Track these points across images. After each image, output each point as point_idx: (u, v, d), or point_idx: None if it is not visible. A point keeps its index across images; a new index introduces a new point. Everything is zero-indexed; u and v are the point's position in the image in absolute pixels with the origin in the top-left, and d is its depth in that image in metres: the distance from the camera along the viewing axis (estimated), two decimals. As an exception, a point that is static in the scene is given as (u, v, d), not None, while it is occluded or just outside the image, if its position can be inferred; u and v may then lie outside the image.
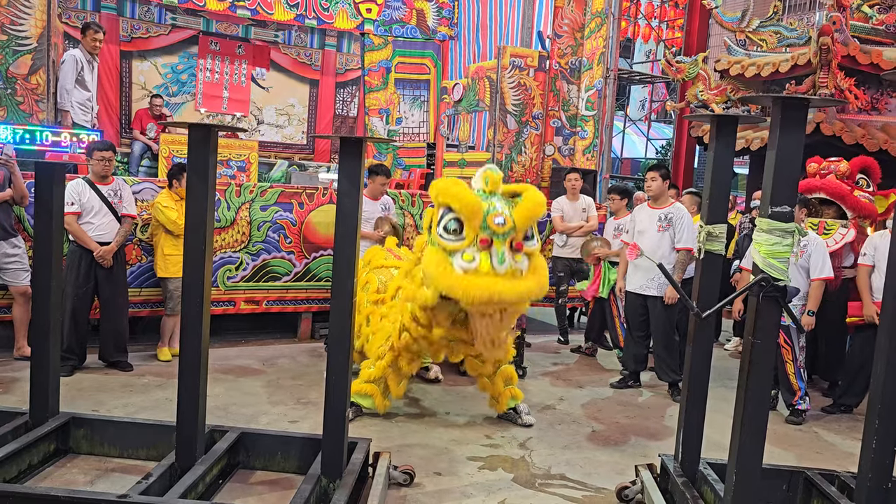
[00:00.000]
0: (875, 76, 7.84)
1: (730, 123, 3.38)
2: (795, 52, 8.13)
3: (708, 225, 3.34)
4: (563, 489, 3.80)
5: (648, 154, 17.62)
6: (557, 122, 9.08)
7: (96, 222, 5.37)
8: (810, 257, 5.23)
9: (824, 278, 5.24)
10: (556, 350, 7.16)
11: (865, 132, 7.65)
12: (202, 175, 3.25)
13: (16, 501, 2.89)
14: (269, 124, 11.23)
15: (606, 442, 4.58)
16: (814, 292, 5.26)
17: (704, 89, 9.06)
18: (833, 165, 5.97)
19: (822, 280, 5.24)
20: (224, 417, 4.47)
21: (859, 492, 3.19)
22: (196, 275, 3.27)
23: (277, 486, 3.62)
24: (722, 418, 5.08)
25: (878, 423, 3.02)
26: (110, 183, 5.50)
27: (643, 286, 5.66)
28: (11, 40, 6.19)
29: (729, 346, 7.73)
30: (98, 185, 5.41)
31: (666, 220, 5.59)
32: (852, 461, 3.76)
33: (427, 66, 11.75)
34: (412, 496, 3.58)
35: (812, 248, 5.24)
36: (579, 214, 7.12)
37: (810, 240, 5.28)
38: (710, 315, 3.19)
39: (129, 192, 5.64)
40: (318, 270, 6.71)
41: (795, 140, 2.70)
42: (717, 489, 3.25)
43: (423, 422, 4.73)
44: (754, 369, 2.78)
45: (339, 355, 3.29)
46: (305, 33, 11.29)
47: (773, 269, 2.72)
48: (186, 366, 3.35)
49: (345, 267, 3.24)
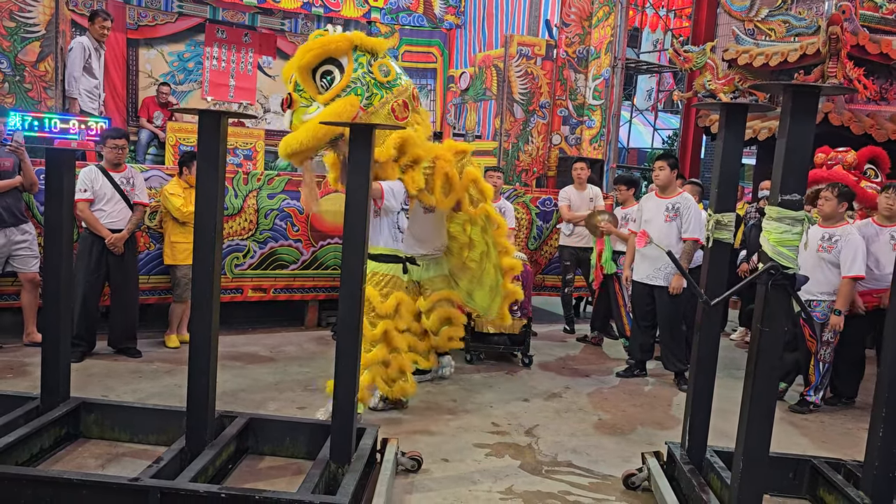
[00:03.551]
0: (884, 66, 7.80)
1: (739, 112, 3.37)
2: (804, 42, 8.08)
3: (716, 213, 3.34)
4: (569, 476, 3.82)
5: (655, 144, 17.56)
6: (564, 112, 9.05)
7: (108, 209, 5.39)
8: (840, 252, 5.02)
9: (854, 276, 4.97)
10: (563, 339, 7.18)
11: (874, 122, 7.61)
12: (212, 161, 3.26)
13: (28, 484, 2.92)
14: (276, 113, 11.21)
15: (613, 430, 4.60)
16: (843, 289, 5.00)
17: (712, 79, 9.02)
18: (840, 156, 5.94)
19: (852, 278, 4.98)
20: (233, 403, 4.51)
21: (866, 480, 3.21)
22: (206, 261, 3.29)
23: (286, 471, 3.65)
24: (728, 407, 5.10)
25: (885, 412, 3.03)
26: (123, 171, 5.52)
27: (650, 276, 5.67)
28: (20, 27, 6.20)
29: (735, 336, 7.74)
30: (111, 173, 5.44)
31: (673, 209, 5.59)
32: (859, 450, 3.77)
33: (434, 55, 11.71)
34: (420, 482, 3.61)
35: (843, 243, 5.03)
36: (587, 203, 7.12)
37: (842, 234, 5.07)
38: (718, 303, 3.20)
39: (142, 181, 5.67)
40: (326, 258, 6.73)
41: (806, 128, 2.70)
42: (723, 476, 3.26)
43: (430, 409, 4.76)
44: (762, 357, 2.79)
45: (348, 341, 3.31)
46: (312, 21, 11.25)
47: (782, 257, 2.72)
48: (197, 350, 3.37)
49: (354, 253, 3.26)
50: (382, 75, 4.12)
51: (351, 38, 4.10)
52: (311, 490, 2.94)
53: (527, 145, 8.60)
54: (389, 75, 4.18)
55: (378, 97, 4.09)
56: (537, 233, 7.69)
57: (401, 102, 4.18)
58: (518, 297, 5.05)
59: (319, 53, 4.04)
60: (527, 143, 8.60)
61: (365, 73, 4.06)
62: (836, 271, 5.08)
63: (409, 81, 4.37)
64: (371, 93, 4.07)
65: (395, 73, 4.25)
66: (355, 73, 4.05)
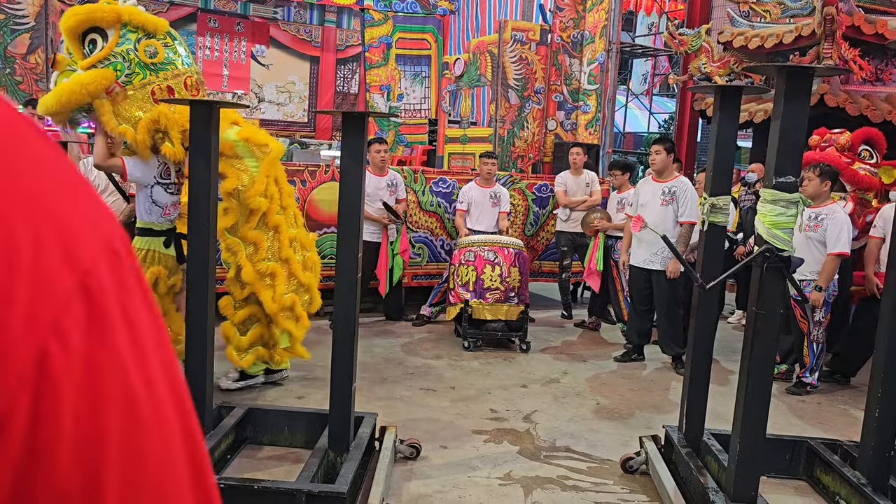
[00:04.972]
0: (880, 46, 7.77)
1: (733, 94, 3.36)
2: (799, 23, 8.05)
3: (712, 197, 3.34)
4: (568, 461, 3.84)
5: (651, 128, 17.53)
6: (559, 97, 9.03)
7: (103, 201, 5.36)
8: (826, 231, 5.06)
9: (839, 253, 5.01)
10: (560, 325, 7.19)
11: (870, 103, 7.60)
12: (205, 153, 3.25)
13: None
14: (270, 102, 11.19)
15: (611, 415, 4.62)
16: (826, 266, 5.05)
17: (707, 62, 8.99)
18: (834, 137, 5.93)
19: (837, 255, 5.02)
20: (231, 394, 4.51)
21: (862, 460, 3.23)
22: (201, 252, 3.28)
23: (285, 461, 3.66)
24: (725, 390, 5.12)
25: (880, 392, 3.04)
26: None
27: (647, 260, 5.67)
28: (9, 19, 6.16)
29: (732, 319, 7.76)
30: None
31: (670, 193, 5.59)
32: (855, 431, 3.79)
33: (428, 42, 11.66)
34: (419, 469, 3.62)
35: (829, 221, 5.07)
36: (583, 189, 7.11)
37: (829, 212, 5.10)
38: (714, 286, 3.20)
39: None
40: (322, 248, 6.70)
41: (800, 110, 2.69)
42: (720, 459, 3.28)
43: (428, 396, 4.77)
44: (758, 339, 2.80)
45: (345, 330, 3.31)
46: (305, 9, 11.21)
47: (777, 239, 2.72)
48: (193, 342, 3.37)
49: (349, 243, 3.25)
50: (147, 56, 4.03)
51: (120, 11, 4.01)
52: (309, 479, 2.95)
53: (522, 131, 8.59)
54: (156, 57, 4.08)
55: (139, 77, 4.01)
56: (534, 219, 7.69)
57: (164, 87, 4.10)
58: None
59: (83, 20, 3.97)
60: (522, 128, 8.59)
61: (131, 50, 3.99)
62: (824, 250, 5.11)
63: (188, 69, 4.25)
64: (133, 71, 3.99)
65: (165, 57, 4.13)
66: (119, 47, 3.97)
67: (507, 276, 5.98)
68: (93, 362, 0.34)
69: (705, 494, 3.00)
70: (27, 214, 0.33)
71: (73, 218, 0.36)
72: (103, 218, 0.39)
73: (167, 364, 0.40)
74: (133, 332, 0.37)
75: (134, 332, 0.37)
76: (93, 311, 0.35)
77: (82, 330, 0.34)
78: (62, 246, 0.34)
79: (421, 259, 7.19)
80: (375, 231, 6.46)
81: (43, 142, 0.37)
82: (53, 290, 0.33)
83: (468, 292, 5.97)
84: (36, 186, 0.35)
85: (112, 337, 0.35)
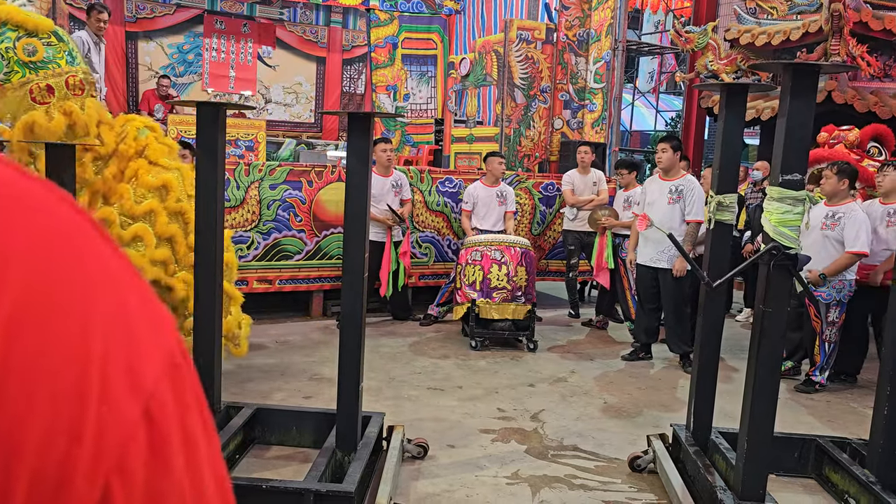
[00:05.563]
0: (888, 42, 7.73)
1: (740, 91, 3.35)
2: (806, 20, 8.02)
3: (718, 195, 3.33)
4: (575, 460, 3.84)
5: (658, 126, 17.48)
6: (566, 96, 9.02)
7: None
8: (844, 229, 5.01)
9: (857, 252, 4.93)
10: (568, 323, 7.19)
11: (878, 100, 7.56)
12: (212, 154, 3.26)
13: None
14: (277, 103, 11.22)
15: (618, 413, 4.62)
16: (840, 260, 4.99)
17: (714, 59, 8.96)
18: (843, 134, 5.91)
19: (855, 253, 4.95)
20: (239, 394, 4.53)
21: (871, 458, 3.22)
22: (208, 253, 3.30)
23: (293, 460, 3.68)
24: (733, 388, 5.10)
25: (889, 390, 3.03)
26: None
27: (654, 259, 5.66)
28: (18, 23, 6.19)
29: (740, 317, 7.73)
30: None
31: (677, 192, 5.58)
32: (864, 429, 3.77)
33: (434, 42, 11.66)
34: (426, 469, 3.63)
35: (847, 220, 5.02)
36: (590, 188, 7.10)
37: (846, 211, 5.06)
38: (721, 285, 3.20)
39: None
40: (329, 248, 6.73)
41: (806, 107, 2.68)
42: (728, 457, 3.27)
43: (435, 396, 4.78)
44: (765, 337, 2.79)
45: (352, 330, 3.32)
46: (311, 10, 11.23)
47: (783, 237, 2.72)
48: (201, 342, 3.39)
49: (355, 243, 3.26)
50: (26, 55, 4.04)
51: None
52: (317, 478, 2.96)
53: (528, 130, 8.58)
54: (35, 56, 4.07)
55: (18, 75, 4.01)
56: (540, 218, 7.68)
57: (44, 86, 4.10)
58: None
59: None
60: (528, 127, 8.58)
61: (10, 48, 4.01)
62: (841, 249, 5.05)
63: (73, 68, 4.21)
64: (12, 69, 4.00)
65: (45, 56, 4.13)
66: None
67: (514, 275, 5.98)
68: (153, 493, 0.32)
69: (713, 493, 2.99)
70: (100, 330, 0.31)
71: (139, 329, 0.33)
72: (163, 323, 0.36)
73: (219, 478, 0.38)
74: (190, 453, 0.35)
75: (191, 451, 0.35)
76: (154, 440, 0.33)
77: (144, 461, 0.32)
78: (128, 366, 0.32)
79: (428, 259, 7.20)
80: (380, 231, 6.48)
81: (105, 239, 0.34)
82: (120, 421, 0.31)
83: (475, 292, 5.98)
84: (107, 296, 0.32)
85: (172, 464, 0.34)
